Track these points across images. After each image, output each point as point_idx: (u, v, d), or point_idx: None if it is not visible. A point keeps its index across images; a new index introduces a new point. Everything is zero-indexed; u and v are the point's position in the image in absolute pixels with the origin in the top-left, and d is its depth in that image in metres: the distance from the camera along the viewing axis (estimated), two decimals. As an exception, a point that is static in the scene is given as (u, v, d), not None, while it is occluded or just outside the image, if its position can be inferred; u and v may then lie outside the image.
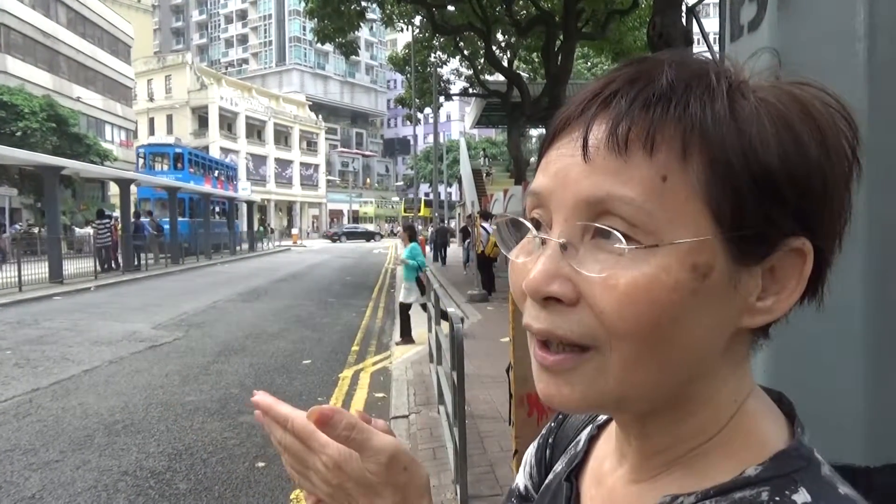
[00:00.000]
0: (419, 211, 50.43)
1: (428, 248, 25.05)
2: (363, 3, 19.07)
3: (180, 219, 25.92)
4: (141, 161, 31.86)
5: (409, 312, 8.38)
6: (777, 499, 0.40)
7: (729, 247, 0.40)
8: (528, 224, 0.46)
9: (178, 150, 31.88)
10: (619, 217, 0.40)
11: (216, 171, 35.34)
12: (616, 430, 0.53)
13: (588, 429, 0.60)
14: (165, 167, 30.88)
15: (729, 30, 1.20)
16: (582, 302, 0.42)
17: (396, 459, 0.50)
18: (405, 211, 50.70)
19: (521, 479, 0.67)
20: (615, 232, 0.40)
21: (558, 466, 0.60)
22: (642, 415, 0.46)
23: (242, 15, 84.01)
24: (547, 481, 0.61)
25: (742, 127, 0.40)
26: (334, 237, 54.11)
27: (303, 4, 19.42)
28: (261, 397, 0.52)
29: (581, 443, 0.59)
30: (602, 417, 0.59)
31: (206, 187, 30.54)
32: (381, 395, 6.15)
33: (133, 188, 24.92)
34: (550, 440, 0.65)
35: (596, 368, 0.42)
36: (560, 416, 0.66)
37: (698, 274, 0.40)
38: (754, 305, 0.43)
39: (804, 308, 0.45)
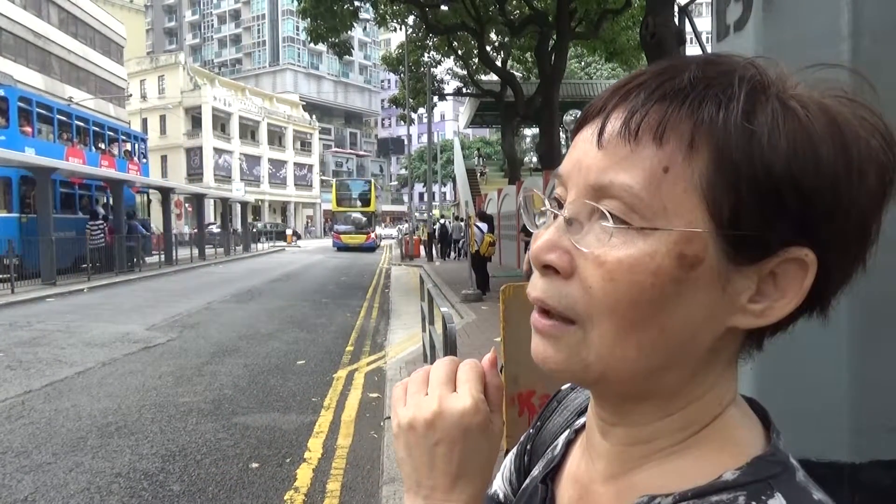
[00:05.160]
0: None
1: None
2: (356, 3, 19.07)
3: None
4: None
5: None
6: (753, 503, 0.41)
7: (722, 244, 0.41)
8: (545, 198, 0.49)
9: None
10: (619, 201, 0.42)
11: (99, 140, 23.26)
12: (588, 422, 0.53)
13: (566, 433, 0.60)
14: None
15: (715, 29, 1.20)
16: (576, 276, 0.44)
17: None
18: (337, 205, 39.75)
19: (500, 486, 0.66)
20: (606, 213, 0.43)
21: (535, 471, 0.60)
22: (622, 400, 0.47)
23: (235, 15, 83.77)
24: (524, 485, 0.61)
25: (753, 128, 0.40)
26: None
27: (296, 4, 19.38)
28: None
29: (559, 447, 0.59)
30: (579, 422, 0.59)
31: (73, 162, 19.34)
32: (375, 395, 6.14)
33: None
34: (528, 446, 0.65)
35: (577, 341, 0.45)
36: (538, 423, 0.66)
37: (684, 264, 0.41)
38: (745, 306, 0.43)
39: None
